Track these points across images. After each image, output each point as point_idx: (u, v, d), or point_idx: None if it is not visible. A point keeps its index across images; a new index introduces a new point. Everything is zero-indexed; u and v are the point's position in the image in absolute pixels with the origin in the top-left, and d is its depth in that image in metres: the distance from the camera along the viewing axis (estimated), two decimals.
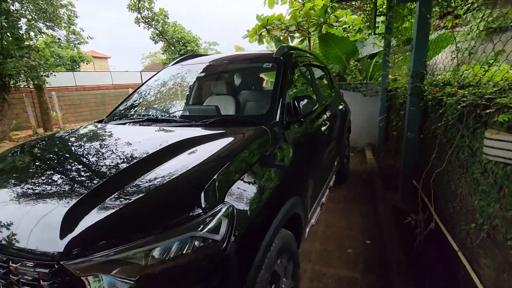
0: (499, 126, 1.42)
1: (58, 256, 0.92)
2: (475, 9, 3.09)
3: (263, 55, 2.56)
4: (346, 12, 6.40)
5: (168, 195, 1.13)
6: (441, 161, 2.21)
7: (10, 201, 1.18)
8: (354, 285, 2.07)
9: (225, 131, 1.72)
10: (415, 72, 2.71)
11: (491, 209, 1.51)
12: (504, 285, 1.38)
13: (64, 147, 1.80)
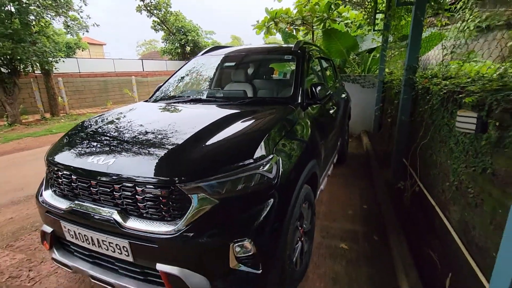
0: (468, 106, 1.93)
1: (174, 180, 1.41)
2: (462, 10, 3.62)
3: (283, 48, 3.03)
4: (348, 8, 6.83)
5: (240, 145, 1.63)
6: (426, 138, 2.75)
7: (137, 147, 1.66)
8: (354, 234, 2.62)
9: (263, 108, 2.22)
10: (409, 66, 3.22)
11: (460, 168, 2.05)
12: (464, 219, 1.93)
13: (145, 116, 2.28)
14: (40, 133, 8.08)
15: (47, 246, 1.87)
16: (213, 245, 1.43)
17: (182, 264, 1.41)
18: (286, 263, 1.67)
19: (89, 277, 1.68)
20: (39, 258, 2.42)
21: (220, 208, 1.43)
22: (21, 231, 2.86)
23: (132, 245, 1.45)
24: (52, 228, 1.77)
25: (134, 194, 1.47)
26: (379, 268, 2.18)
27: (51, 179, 1.82)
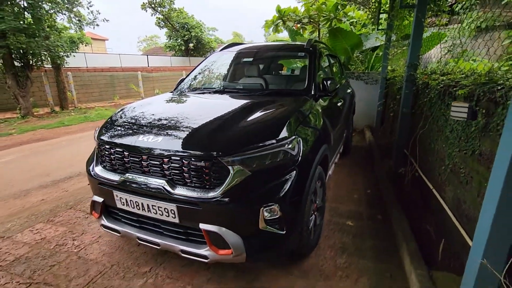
0: (461, 98, 2.22)
1: (216, 154, 1.70)
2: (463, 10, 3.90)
3: (296, 46, 3.32)
4: (353, 8, 7.10)
5: (268, 127, 1.92)
6: (424, 128, 3.04)
7: (179, 128, 1.96)
8: (359, 214, 2.92)
9: (282, 98, 2.52)
10: (411, 63, 3.50)
11: (454, 152, 2.34)
12: (457, 196, 2.23)
13: (177, 103, 2.60)
14: (53, 125, 8.37)
15: (95, 215, 2.18)
16: (247, 209, 1.72)
17: (220, 223, 1.71)
18: (304, 229, 1.98)
19: (136, 239, 1.98)
20: (80, 230, 2.72)
21: (253, 178, 1.72)
22: (57, 209, 3.16)
23: (179, 209, 1.75)
24: (103, 198, 2.07)
25: (181, 166, 1.76)
26: (382, 240, 2.48)
27: (102, 156, 2.11)
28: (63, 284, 2.02)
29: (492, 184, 1.36)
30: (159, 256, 2.31)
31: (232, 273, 2.11)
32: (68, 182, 4.13)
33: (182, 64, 21.30)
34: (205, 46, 22.78)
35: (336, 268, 2.15)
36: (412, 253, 2.10)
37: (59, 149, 5.97)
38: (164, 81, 17.55)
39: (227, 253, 1.73)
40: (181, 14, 21.53)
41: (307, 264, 2.19)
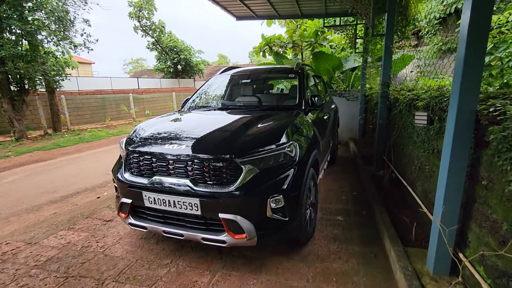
0: (422, 109, 2.77)
1: (231, 156, 2.13)
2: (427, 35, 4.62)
3: (287, 68, 3.88)
4: (331, 32, 7.91)
5: (271, 134, 2.38)
6: (397, 135, 3.59)
7: (197, 137, 2.38)
8: (347, 211, 3.36)
9: (278, 112, 3.01)
10: (384, 82, 4.11)
11: (420, 153, 2.87)
12: (424, 188, 2.72)
13: (189, 118, 3.05)
14: (48, 147, 8.53)
15: (123, 215, 2.52)
16: (257, 200, 2.14)
17: (236, 212, 2.11)
18: (302, 218, 2.39)
19: (162, 232, 2.33)
20: (101, 234, 3.01)
21: (261, 175, 2.15)
22: (74, 219, 3.43)
23: (201, 202, 2.14)
24: (131, 199, 2.43)
25: (202, 167, 2.17)
26: (367, 231, 2.92)
27: (130, 163, 2.49)
28: (97, 276, 2.32)
29: (442, 166, 1.86)
30: (177, 251, 2.65)
31: (242, 261, 2.48)
32: (76, 197, 4.39)
33: (171, 86, 21.84)
34: (193, 68, 23.53)
35: (329, 252, 2.56)
36: (391, 237, 2.55)
37: (60, 168, 6.18)
38: (154, 103, 17.93)
39: (242, 237, 2.11)
40: (171, 38, 22.35)
41: (305, 251, 2.59)
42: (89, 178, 5.33)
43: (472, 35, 1.66)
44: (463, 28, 1.70)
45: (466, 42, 1.68)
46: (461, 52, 1.72)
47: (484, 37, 1.67)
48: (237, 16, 7.05)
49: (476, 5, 1.62)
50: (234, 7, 6.31)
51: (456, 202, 1.88)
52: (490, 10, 1.64)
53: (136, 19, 20.44)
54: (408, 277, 1.98)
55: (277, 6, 6.15)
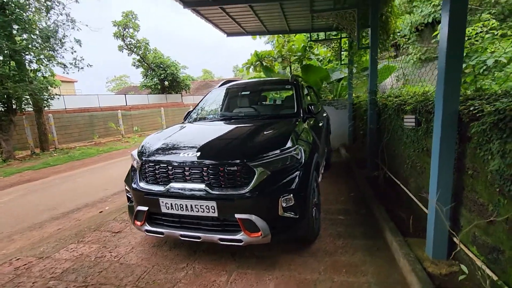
0: (409, 112, 3.07)
1: (244, 160, 2.31)
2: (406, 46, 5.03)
3: (284, 80, 4.15)
4: (318, 46, 8.38)
5: (278, 139, 2.58)
6: (388, 138, 3.88)
7: (209, 144, 2.55)
8: (347, 211, 3.57)
9: (280, 120, 3.23)
10: (371, 90, 4.45)
11: (411, 153, 3.14)
12: (417, 184, 2.98)
13: (195, 128, 3.22)
14: (38, 166, 8.38)
15: (138, 223, 2.62)
16: (270, 199, 2.31)
17: (251, 212, 2.27)
18: (310, 216, 2.58)
19: (179, 236, 2.45)
20: (112, 245, 3.07)
21: (272, 176, 2.34)
22: (81, 233, 3.46)
23: (218, 204, 2.29)
24: (148, 207, 2.54)
25: (218, 171, 2.34)
26: (368, 227, 3.13)
27: (145, 173, 2.62)
28: (116, 282, 2.40)
29: (433, 160, 2.12)
30: (191, 256, 2.75)
31: (255, 260, 2.62)
32: (78, 213, 4.40)
33: (159, 101, 21.88)
34: (180, 83, 23.73)
35: (336, 248, 2.74)
36: (391, 229, 2.77)
37: (56, 186, 6.13)
38: (142, 119, 17.88)
39: (257, 235, 2.27)
40: (156, 54, 22.57)
41: (313, 248, 2.76)
42: (87, 194, 5.33)
43: (450, 46, 1.95)
44: (442, 41, 2.00)
45: (446, 53, 1.97)
46: (442, 62, 2.01)
47: (460, 48, 1.97)
48: (227, 33, 7.36)
49: (452, 21, 1.92)
50: (225, 25, 6.62)
51: (448, 190, 2.12)
52: (464, 25, 1.95)
53: (121, 38, 20.62)
54: (411, 262, 2.19)
55: (267, 23, 6.51)
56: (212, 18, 6.05)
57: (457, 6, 1.90)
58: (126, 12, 20.71)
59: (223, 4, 4.87)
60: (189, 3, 4.90)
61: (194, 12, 5.41)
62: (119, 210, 4.19)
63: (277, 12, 5.67)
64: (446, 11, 1.93)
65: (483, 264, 1.82)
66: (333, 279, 2.28)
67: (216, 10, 5.42)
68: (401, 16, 4.46)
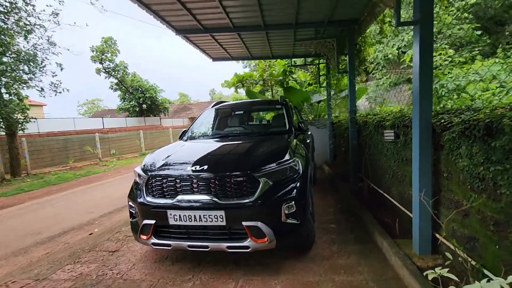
0: (388, 127, 3.47)
1: (250, 171, 2.52)
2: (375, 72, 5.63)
3: (273, 101, 4.48)
4: (297, 70, 9.00)
5: (277, 152, 2.82)
6: (369, 153, 4.27)
7: (213, 158, 2.73)
8: (337, 220, 3.82)
9: (274, 136, 3.50)
10: (351, 109, 4.90)
11: (392, 164, 3.51)
12: (399, 192, 3.32)
13: (195, 145, 3.40)
14: (11, 192, 7.93)
15: (144, 237, 2.69)
16: (274, 206, 2.50)
17: (258, 219, 2.44)
18: (308, 222, 2.79)
19: (187, 247, 2.55)
20: (112, 263, 3.05)
21: (275, 186, 2.56)
22: (76, 254, 3.39)
23: (226, 213, 2.44)
24: (155, 220, 2.63)
25: (225, 183, 2.52)
26: (358, 233, 3.38)
27: (152, 187, 2.73)
28: None
29: (413, 167, 2.45)
30: (195, 268, 2.82)
31: (259, 267, 2.75)
32: (65, 236, 4.26)
33: (137, 124, 21.55)
34: (158, 106, 23.65)
35: (332, 252, 2.95)
36: (381, 233, 3.03)
37: (35, 212, 5.85)
38: (120, 142, 17.46)
39: (264, 241, 2.44)
40: (135, 78, 22.54)
41: (311, 254, 2.94)
42: (71, 217, 5.16)
43: (422, 71, 2.36)
44: (415, 67, 2.41)
45: (419, 77, 2.37)
46: (416, 84, 2.41)
47: (430, 73, 2.39)
48: (213, 58, 7.73)
49: (422, 52, 2.34)
50: (212, 50, 7.00)
51: (428, 191, 2.45)
52: (431, 54, 2.38)
53: (99, 62, 20.50)
54: (402, 258, 2.45)
55: (251, 49, 6.97)
56: (200, 44, 6.39)
57: (425, 40, 2.34)
58: (105, 38, 20.82)
59: (214, 32, 5.24)
60: (182, 31, 5.22)
61: (184, 38, 5.72)
62: (111, 231, 4.13)
63: (262, 40, 6.13)
64: (417, 43, 2.36)
65: (463, 252, 2.11)
66: (333, 280, 2.47)
67: (206, 37, 5.78)
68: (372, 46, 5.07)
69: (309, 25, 4.97)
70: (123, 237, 3.82)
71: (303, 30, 5.30)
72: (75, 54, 15.55)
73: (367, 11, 4.38)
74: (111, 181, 8.97)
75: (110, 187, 7.83)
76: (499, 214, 1.80)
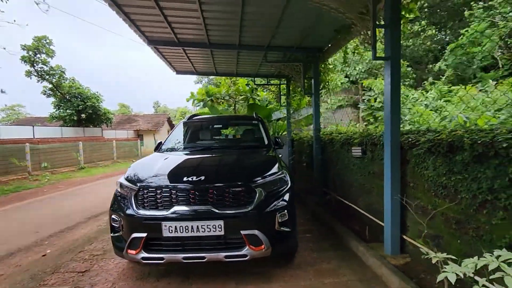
0: (356, 145, 3.95)
1: (247, 182, 2.63)
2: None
3: (248, 116, 4.69)
4: (260, 89, 9.46)
5: (269, 165, 2.99)
6: (336, 168, 4.73)
7: (207, 169, 2.77)
8: (310, 229, 4.10)
9: (255, 149, 3.68)
10: (316, 128, 5.38)
11: (357, 178, 3.97)
12: (366, 202, 3.77)
13: (180, 156, 3.34)
14: None
15: (132, 252, 2.55)
16: (269, 215, 2.64)
17: (255, 228, 2.55)
18: (296, 231, 2.99)
19: (182, 259, 2.50)
20: (87, 284, 2.76)
21: (269, 196, 2.71)
22: (37, 276, 2.97)
23: (225, 223, 2.49)
24: (146, 233, 2.52)
25: (223, 193, 2.58)
26: (332, 240, 3.69)
27: (142, 199, 2.62)
28: None
29: (386, 179, 2.87)
30: (184, 282, 2.75)
31: (251, 277, 2.81)
32: (13, 259, 3.67)
33: (75, 135, 19.46)
34: (100, 116, 21.77)
35: (314, 259, 3.18)
36: (354, 239, 3.39)
37: None
38: (54, 154, 15.47)
39: (261, 248, 2.54)
40: (74, 84, 20.49)
41: (296, 262, 3.12)
42: (14, 238, 4.44)
43: (392, 99, 2.84)
44: (387, 95, 2.88)
45: (390, 104, 2.84)
46: (387, 110, 2.88)
47: (398, 100, 2.88)
48: (178, 71, 7.67)
49: (393, 82, 2.83)
50: (179, 63, 6.96)
51: (397, 199, 2.89)
52: (399, 85, 2.89)
53: (30, 63, 18.19)
54: (378, 258, 2.80)
55: (219, 66, 7.14)
56: (168, 56, 6.33)
57: (395, 72, 2.84)
58: (38, 36, 18.65)
59: (188, 46, 5.29)
60: (154, 41, 5.15)
61: (154, 49, 5.63)
62: (71, 250, 3.72)
63: (232, 58, 6.37)
64: (388, 75, 2.84)
65: (428, 250, 2.54)
66: (323, 282, 2.68)
67: (177, 50, 5.78)
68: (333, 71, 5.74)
69: (280, 48, 5.40)
70: (89, 256, 3.47)
71: (273, 53, 5.71)
72: (11, 54, 13.57)
73: (332, 42, 4.98)
74: (50, 197, 7.93)
75: (51, 204, 6.92)
76: (459, 215, 2.25)
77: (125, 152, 21.88)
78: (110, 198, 2.93)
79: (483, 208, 2.05)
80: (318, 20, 4.14)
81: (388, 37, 2.84)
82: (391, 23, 2.81)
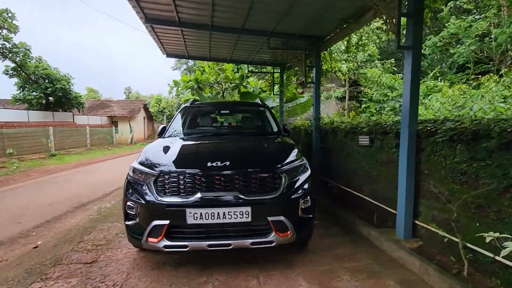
0: (364, 133, 4.02)
1: (274, 168, 2.57)
2: None
3: (255, 103, 4.58)
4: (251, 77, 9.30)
5: (291, 151, 2.95)
6: (338, 157, 4.80)
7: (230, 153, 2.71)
8: (319, 218, 4.14)
9: (268, 136, 3.62)
10: (316, 117, 5.41)
11: (364, 165, 4.06)
12: (372, 190, 3.88)
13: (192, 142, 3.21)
14: None
15: (153, 240, 2.42)
16: (294, 201, 2.62)
17: (281, 214, 2.51)
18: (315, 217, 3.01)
19: (207, 247, 2.42)
20: (98, 276, 2.59)
21: (293, 182, 2.68)
22: (37, 269, 2.73)
23: (252, 209, 2.43)
24: (169, 220, 2.40)
25: (250, 179, 2.51)
26: (341, 227, 3.77)
27: (162, 185, 2.47)
28: None
29: (401, 165, 2.95)
30: (205, 269, 2.67)
31: (272, 264, 2.79)
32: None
33: (44, 119, 18.03)
34: (71, 100, 20.28)
35: (329, 245, 3.23)
36: (364, 225, 3.49)
37: None
38: (20, 139, 14.27)
39: (287, 234, 2.52)
40: (41, 65, 18.84)
41: (311, 247, 3.16)
42: None
43: (412, 89, 2.89)
44: (406, 85, 2.93)
45: (410, 93, 2.89)
46: (406, 100, 2.93)
47: (418, 90, 2.94)
48: (168, 53, 7.29)
49: (413, 72, 2.88)
50: (171, 46, 6.61)
51: (412, 185, 2.99)
52: (419, 74, 2.95)
53: None
54: (393, 242, 2.90)
55: (213, 51, 6.89)
56: (162, 37, 5.98)
57: (416, 62, 2.88)
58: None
59: (188, 28, 5.02)
60: (153, 20, 4.83)
61: (150, 28, 5.29)
62: (68, 241, 3.47)
63: (229, 43, 6.17)
64: (408, 64, 2.88)
65: (444, 232, 2.66)
66: (343, 266, 2.74)
67: (173, 31, 5.47)
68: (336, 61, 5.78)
69: (282, 35, 5.30)
70: (91, 246, 3.26)
71: (275, 39, 5.59)
72: None
73: (336, 31, 4.97)
74: (24, 185, 7.32)
75: (29, 193, 6.39)
76: (480, 199, 2.38)
77: (99, 139, 20.78)
78: (95, 188, 2.78)
79: (507, 192, 2.17)
80: (327, 8, 4.10)
81: (411, 26, 2.87)
82: (415, 12, 2.84)
